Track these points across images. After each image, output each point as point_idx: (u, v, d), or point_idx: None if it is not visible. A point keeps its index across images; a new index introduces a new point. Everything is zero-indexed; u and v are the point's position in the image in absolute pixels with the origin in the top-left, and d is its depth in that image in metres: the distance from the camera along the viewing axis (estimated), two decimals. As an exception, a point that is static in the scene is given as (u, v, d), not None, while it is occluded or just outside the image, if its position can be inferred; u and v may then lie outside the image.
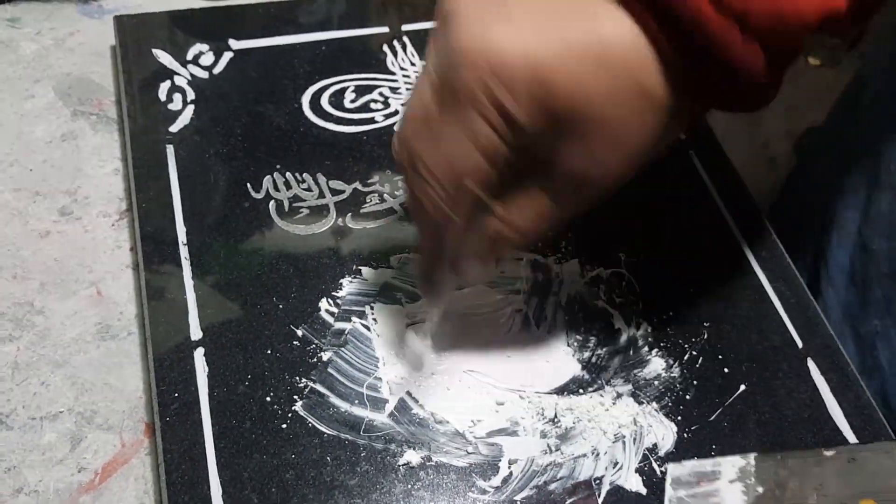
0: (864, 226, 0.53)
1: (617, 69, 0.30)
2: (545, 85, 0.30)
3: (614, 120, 0.32)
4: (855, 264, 0.54)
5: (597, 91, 0.31)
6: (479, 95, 0.30)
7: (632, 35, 0.30)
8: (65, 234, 0.48)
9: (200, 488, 0.38)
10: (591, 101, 0.31)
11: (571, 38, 0.30)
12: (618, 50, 0.30)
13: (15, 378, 0.43)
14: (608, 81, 0.31)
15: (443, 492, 0.39)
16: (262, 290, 0.45)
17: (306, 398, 0.41)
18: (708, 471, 0.35)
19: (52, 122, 0.53)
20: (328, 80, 0.54)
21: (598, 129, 0.32)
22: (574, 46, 0.30)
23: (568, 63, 0.30)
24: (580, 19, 0.30)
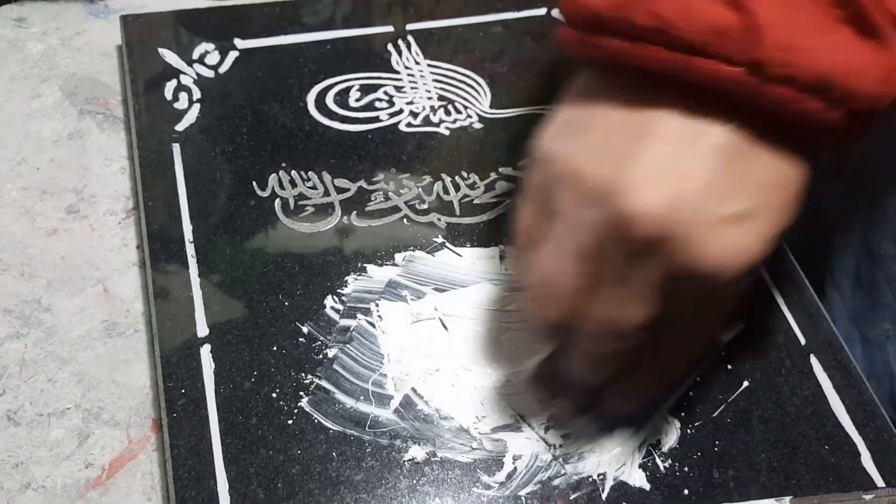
0: (870, 230, 0.53)
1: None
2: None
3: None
4: (861, 269, 0.54)
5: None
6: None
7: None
8: (72, 233, 0.49)
9: (207, 483, 0.38)
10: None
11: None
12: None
13: (22, 375, 0.43)
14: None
15: (447, 487, 0.39)
16: (268, 287, 0.45)
17: (312, 394, 0.41)
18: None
19: (58, 122, 0.54)
20: (333, 79, 0.54)
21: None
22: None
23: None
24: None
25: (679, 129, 0.30)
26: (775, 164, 0.31)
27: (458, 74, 0.56)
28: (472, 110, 0.54)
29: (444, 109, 0.54)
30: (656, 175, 0.30)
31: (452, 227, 0.48)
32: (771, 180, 0.31)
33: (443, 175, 0.50)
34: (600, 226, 0.31)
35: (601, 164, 0.31)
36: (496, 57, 0.57)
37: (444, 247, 0.47)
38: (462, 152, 0.52)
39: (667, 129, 0.30)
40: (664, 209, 0.30)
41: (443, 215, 0.49)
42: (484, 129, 0.53)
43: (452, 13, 0.59)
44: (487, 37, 0.58)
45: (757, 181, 0.31)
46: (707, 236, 0.30)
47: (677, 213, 0.30)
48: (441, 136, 0.53)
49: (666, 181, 0.30)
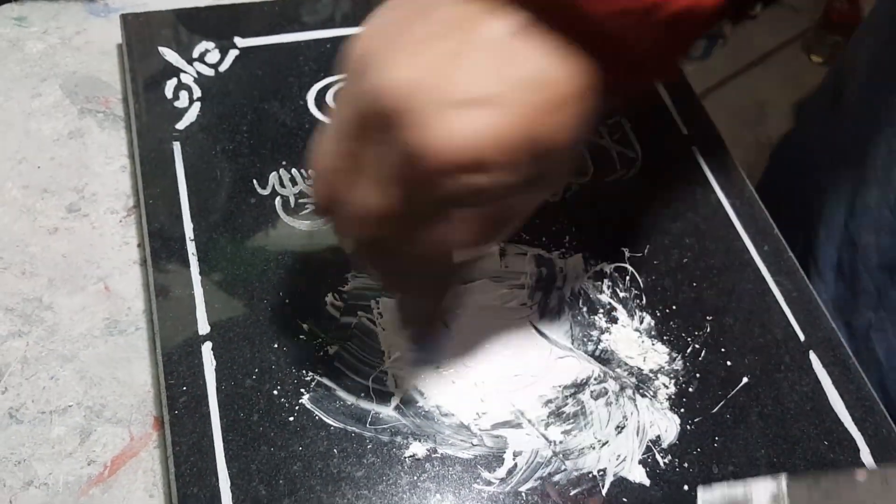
0: (851, 220, 0.54)
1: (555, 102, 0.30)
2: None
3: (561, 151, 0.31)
4: (843, 258, 0.54)
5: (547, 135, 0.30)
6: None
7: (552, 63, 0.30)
8: (73, 231, 0.49)
9: (209, 480, 0.38)
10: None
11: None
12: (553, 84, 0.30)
13: (24, 373, 0.43)
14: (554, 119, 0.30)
15: (448, 483, 0.40)
16: (269, 285, 0.45)
17: (313, 391, 0.41)
18: (739, 496, 0.34)
19: (59, 120, 0.54)
20: (333, 78, 0.54)
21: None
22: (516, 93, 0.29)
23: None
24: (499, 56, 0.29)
25: (469, 19, 0.29)
26: (545, 61, 0.29)
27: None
28: (472, 108, 0.54)
29: (443, 107, 0.54)
30: (412, 53, 0.29)
31: (452, 225, 0.48)
32: (531, 75, 0.29)
33: (443, 173, 0.50)
34: (355, 99, 0.30)
35: (376, 43, 0.30)
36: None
37: (445, 244, 0.48)
38: (462, 150, 0.52)
39: (444, 13, 0.30)
40: (400, 84, 0.29)
41: (443, 213, 0.49)
42: (483, 126, 0.53)
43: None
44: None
45: (514, 73, 0.29)
46: (434, 118, 0.29)
47: (411, 90, 0.29)
48: (441, 133, 0.53)
49: (415, 60, 0.29)
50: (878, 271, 0.52)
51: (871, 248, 0.52)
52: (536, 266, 0.47)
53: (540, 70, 0.29)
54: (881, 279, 0.51)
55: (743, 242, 0.50)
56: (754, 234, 0.50)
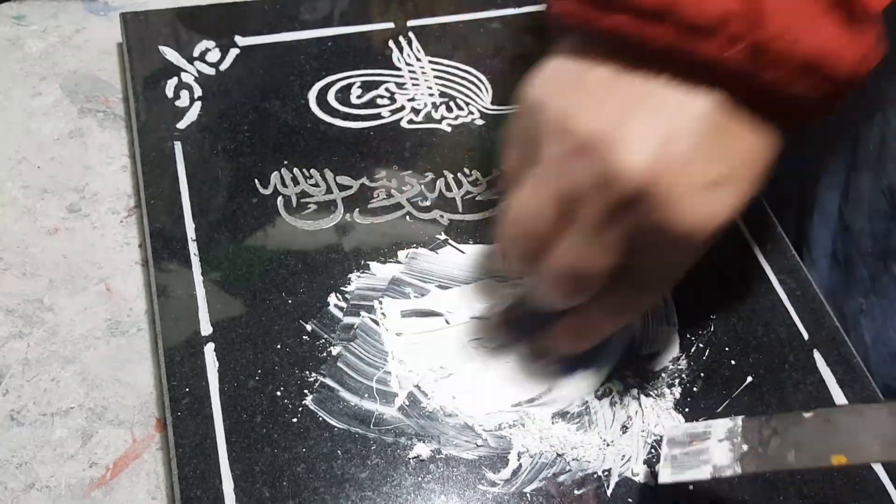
0: (845, 206, 0.54)
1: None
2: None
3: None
4: (837, 245, 0.54)
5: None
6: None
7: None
8: (73, 231, 0.48)
9: (212, 482, 0.38)
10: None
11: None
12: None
13: (25, 374, 0.43)
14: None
15: (453, 484, 0.39)
16: (271, 285, 0.45)
17: (316, 392, 0.41)
18: (700, 431, 0.37)
19: (59, 120, 0.53)
20: (334, 76, 0.54)
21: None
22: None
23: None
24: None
25: (669, 97, 0.32)
26: (753, 135, 0.33)
27: (460, 71, 0.56)
28: (474, 107, 0.54)
29: (445, 106, 0.54)
30: (645, 135, 0.32)
31: (455, 224, 0.48)
32: (748, 151, 0.33)
33: (445, 172, 0.50)
34: (583, 176, 0.32)
35: (593, 119, 0.32)
36: (497, 53, 0.57)
37: (447, 244, 0.47)
38: (464, 149, 0.52)
39: (658, 95, 0.32)
40: (650, 167, 0.31)
41: (445, 212, 0.49)
42: (485, 125, 0.53)
43: (453, 9, 0.59)
44: (488, 33, 0.58)
45: (735, 151, 0.33)
46: (685, 198, 0.32)
47: (661, 172, 0.31)
48: (443, 132, 0.52)
49: (654, 142, 0.31)
50: (871, 257, 0.52)
51: (865, 234, 0.52)
52: (539, 265, 0.47)
53: (753, 145, 0.33)
54: (874, 265, 0.52)
55: (746, 241, 0.50)
56: (758, 234, 0.50)
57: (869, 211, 0.52)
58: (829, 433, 0.34)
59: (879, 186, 0.51)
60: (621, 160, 0.31)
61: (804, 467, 0.34)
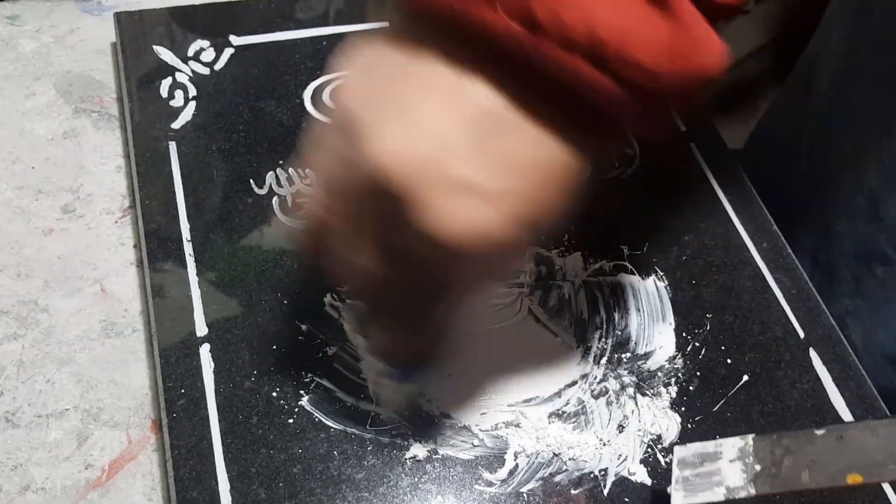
0: (824, 209, 0.54)
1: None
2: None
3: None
4: (819, 248, 0.54)
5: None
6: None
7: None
8: (68, 232, 0.48)
9: (208, 483, 0.38)
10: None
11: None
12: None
13: (20, 376, 0.43)
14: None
15: (449, 485, 0.39)
16: (267, 285, 0.45)
17: (312, 393, 0.41)
18: (710, 451, 0.37)
19: (53, 120, 0.53)
20: (330, 76, 0.54)
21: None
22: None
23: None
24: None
25: (439, 85, 0.29)
26: (538, 143, 0.29)
27: (455, 70, 0.55)
28: (469, 106, 0.54)
29: (440, 105, 0.53)
30: (400, 129, 0.29)
31: (451, 224, 0.48)
32: (527, 159, 0.29)
33: (440, 171, 0.50)
34: (348, 165, 0.30)
35: (363, 106, 0.30)
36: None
37: (443, 243, 0.47)
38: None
39: (428, 83, 0.29)
40: (396, 159, 0.28)
41: (441, 212, 0.49)
42: (481, 124, 0.53)
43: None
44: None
45: (509, 156, 0.29)
46: (433, 199, 0.29)
47: (408, 167, 0.28)
48: (438, 131, 0.52)
49: (411, 134, 0.29)
50: (854, 259, 0.52)
51: (847, 237, 0.52)
52: (535, 264, 0.47)
53: (536, 153, 0.29)
54: (857, 267, 0.52)
55: (742, 240, 0.50)
56: (753, 232, 0.50)
57: (850, 213, 0.52)
58: (843, 451, 0.33)
59: (859, 187, 0.51)
60: (371, 149, 0.29)
61: (819, 487, 0.33)
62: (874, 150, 0.50)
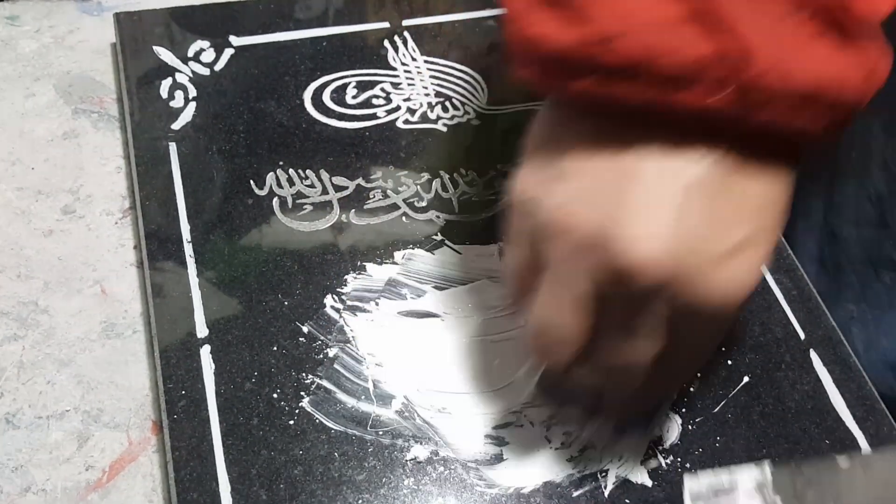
0: (830, 213, 0.54)
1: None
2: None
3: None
4: (824, 252, 0.54)
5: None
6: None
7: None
8: (68, 233, 0.48)
9: (209, 485, 0.38)
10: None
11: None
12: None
13: (21, 377, 0.43)
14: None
15: (450, 486, 0.39)
16: (267, 286, 0.45)
17: (313, 394, 0.41)
18: (725, 485, 0.35)
19: (53, 121, 0.53)
20: (330, 76, 0.54)
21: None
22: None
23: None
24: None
25: (661, 169, 0.29)
26: (762, 183, 0.31)
27: (455, 70, 0.55)
28: (470, 106, 0.54)
29: (441, 106, 0.53)
30: (649, 219, 0.29)
31: (451, 225, 0.48)
32: (761, 201, 0.31)
33: (441, 172, 0.50)
34: (599, 275, 0.30)
35: (588, 213, 0.29)
36: (492, 53, 0.57)
37: (444, 244, 0.47)
38: (460, 149, 0.52)
39: (649, 170, 0.29)
40: (664, 255, 0.29)
41: (441, 213, 0.49)
42: (481, 125, 0.53)
43: (448, 9, 0.59)
44: (483, 32, 0.58)
45: (748, 207, 0.30)
46: (710, 273, 0.30)
47: (677, 256, 0.29)
48: (439, 132, 0.52)
49: (660, 224, 0.29)
50: (860, 264, 0.52)
51: (853, 242, 0.52)
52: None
53: (765, 193, 0.31)
54: (864, 272, 0.52)
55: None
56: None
57: (856, 218, 0.52)
58: (870, 483, 0.32)
59: (865, 193, 0.51)
60: (631, 254, 0.29)
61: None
62: (880, 157, 0.49)
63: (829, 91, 0.28)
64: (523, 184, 0.32)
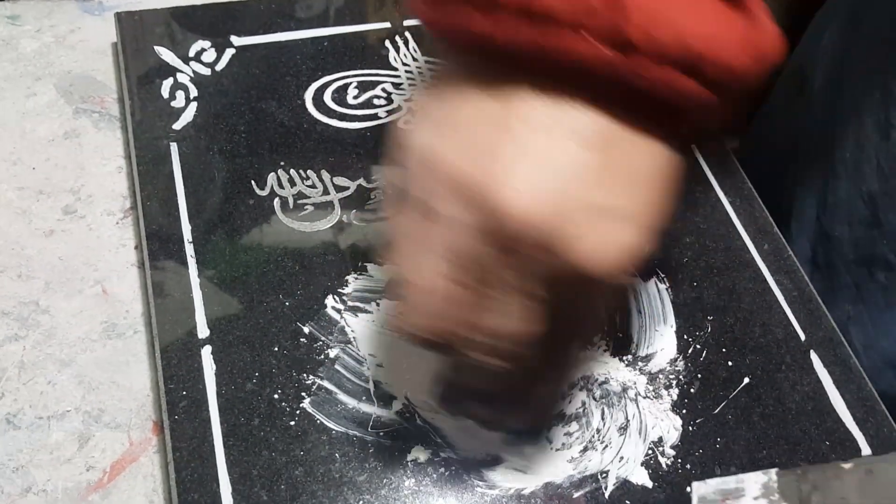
0: (823, 214, 0.54)
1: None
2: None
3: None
4: (818, 252, 0.54)
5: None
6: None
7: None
8: (69, 233, 0.48)
9: (210, 486, 0.38)
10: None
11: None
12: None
13: (21, 377, 0.43)
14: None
15: (451, 487, 0.39)
16: (269, 287, 0.45)
17: (314, 395, 0.41)
18: (732, 488, 0.36)
19: (54, 121, 0.53)
20: (331, 76, 0.54)
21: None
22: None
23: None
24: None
25: (542, 119, 0.29)
26: (644, 153, 0.30)
27: (456, 71, 0.55)
28: (471, 107, 0.54)
29: (442, 106, 0.53)
30: (525, 171, 0.28)
31: (452, 225, 0.48)
32: (641, 176, 0.30)
33: (442, 173, 0.50)
34: (477, 228, 0.29)
35: (470, 161, 0.29)
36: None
37: (445, 245, 0.47)
38: (461, 149, 0.52)
39: (530, 120, 0.29)
40: (537, 209, 0.28)
41: (442, 213, 0.49)
42: (482, 125, 0.53)
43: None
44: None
45: (627, 177, 0.29)
46: (580, 234, 0.28)
47: (550, 212, 0.28)
48: (439, 133, 0.52)
49: (535, 177, 0.28)
50: (854, 265, 0.52)
51: (847, 242, 0.52)
52: (537, 267, 0.47)
53: (646, 163, 0.30)
54: (858, 273, 0.52)
55: (743, 241, 0.50)
56: (754, 234, 0.50)
57: (849, 219, 0.52)
58: (874, 487, 0.32)
59: (859, 193, 0.51)
60: (505, 206, 0.28)
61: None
62: (873, 156, 0.49)
63: (710, 56, 0.27)
64: (415, 134, 0.31)
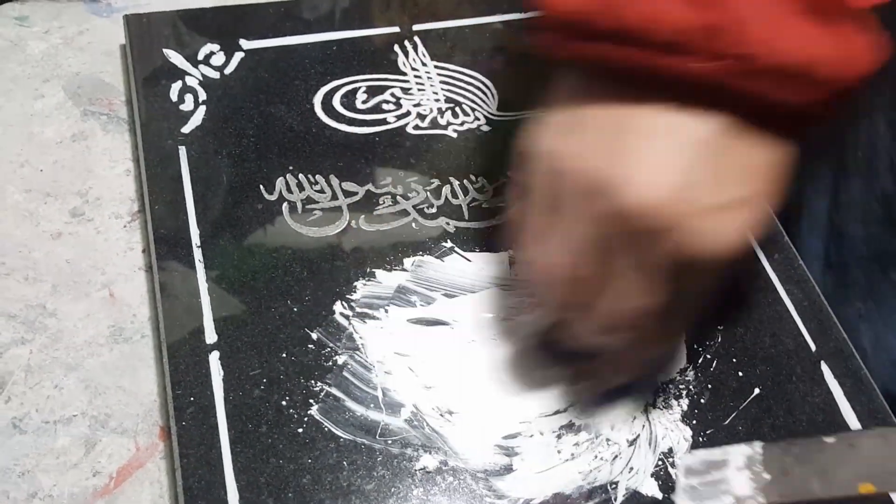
0: (835, 212, 0.54)
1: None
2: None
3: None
4: (830, 250, 0.54)
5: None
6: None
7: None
8: (77, 236, 0.48)
9: (217, 493, 0.38)
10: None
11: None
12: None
13: (28, 381, 0.43)
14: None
15: (459, 496, 0.39)
16: (277, 292, 0.44)
17: (322, 402, 0.41)
18: (717, 459, 0.37)
19: (62, 123, 0.53)
20: (340, 81, 0.54)
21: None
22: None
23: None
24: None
25: (669, 125, 0.32)
26: (758, 150, 0.33)
27: (466, 76, 0.55)
28: (480, 112, 0.53)
29: (451, 112, 0.53)
30: (652, 169, 0.32)
31: (461, 232, 0.48)
32: (755, 167, 0.33)
33: (451, 178, 0.50)
34: (605, 218, 0.33)
35: (598, 161, 0.32)
36: (503, 59, 0.56)
37: (454, 251, 0.47)
38: (470, 155, 0.51)
39: (657, 125, 0.32)
40: (663, 201, 0.31)
41: (451, 219, 0.48)
42: (492, 131, 0.53)
43: (458, 14, 0.59)
44: (494, 38, 0.58)
45: (745, 170, 0.33)
46: (702, 223, 0.32)
47: (675, 204, 0.32)
48: (449, 138, 0.52)
49: (662, 174, 0.32)
50: (867, 262, 0.52)
51: (860, 240, 0.52)
52: (546, 274, 0.47)
53: (760, 160, 0.33)
54: (871, 270, 0.52)
55: (754, 252, 0.49)
56: (764, 243, 0.50)
57: (863, 217, 0.52)
58: (855, 460, 0.33)
59: (872, 192, 0.51)
60: (634, 198, 0.32)
61: (830, 496, 0.33)
62: (887, 156, 0.49)
63: (809, 67, 0.30)
64: (541, 135, 0.35)
